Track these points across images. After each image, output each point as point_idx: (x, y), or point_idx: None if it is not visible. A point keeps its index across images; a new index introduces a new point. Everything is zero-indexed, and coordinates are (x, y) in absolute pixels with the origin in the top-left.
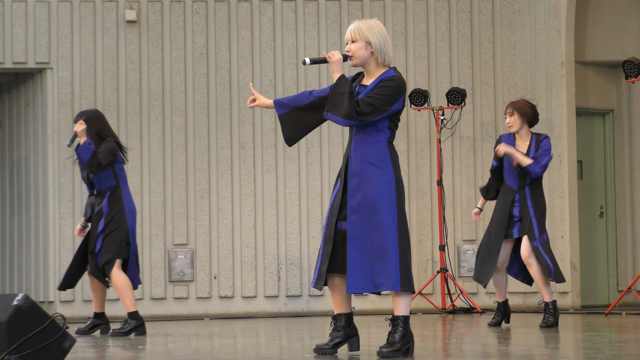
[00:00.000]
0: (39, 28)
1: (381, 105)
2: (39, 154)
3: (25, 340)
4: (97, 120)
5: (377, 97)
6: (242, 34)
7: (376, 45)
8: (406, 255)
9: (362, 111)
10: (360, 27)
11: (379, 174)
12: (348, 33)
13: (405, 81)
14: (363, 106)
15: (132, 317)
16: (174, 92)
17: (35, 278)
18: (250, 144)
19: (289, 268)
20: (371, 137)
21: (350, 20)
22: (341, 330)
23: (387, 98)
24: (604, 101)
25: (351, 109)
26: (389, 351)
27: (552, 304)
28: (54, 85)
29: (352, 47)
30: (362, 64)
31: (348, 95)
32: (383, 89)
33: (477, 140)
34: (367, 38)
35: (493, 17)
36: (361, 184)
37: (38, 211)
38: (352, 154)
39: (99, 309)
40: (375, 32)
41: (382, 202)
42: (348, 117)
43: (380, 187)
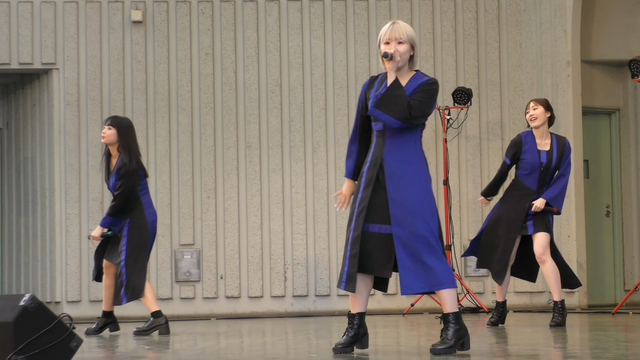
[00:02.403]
0: (45, 28)
1: (427, 108)
2: (45, 154)
3: (32, 340)
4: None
5: (425, 100)
6: (248, 34)
7: (417, 48)
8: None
9: (414, 114)
10: (406, 28)
11: (418, 176)
12: (394, 32)
13: None
14: (415, 109)
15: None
16: (180, 92)
17: (42, 278)
18: (256, 144)
19: (295, 268)
20: (407, 140)
21: (355, 20)
22: (356, 328)
23: (431, 101)
24: (610, 100)
25: (406, 112)
26: (443, 348)
27: (560, 303)
28: (60, 85)
29: (401, 48)
30: (402, 66)
31: (404, 98)
32: (427, 93)
33: (483, 139)
34: (413, 41)
35: (499, 17)
36: (402, 186)
37: (44, 211)
38: (386, 156)
39: (108, 308)
40: (415, 36)
41: (424, 203)
42: (403, 119)
43: (421, 189)
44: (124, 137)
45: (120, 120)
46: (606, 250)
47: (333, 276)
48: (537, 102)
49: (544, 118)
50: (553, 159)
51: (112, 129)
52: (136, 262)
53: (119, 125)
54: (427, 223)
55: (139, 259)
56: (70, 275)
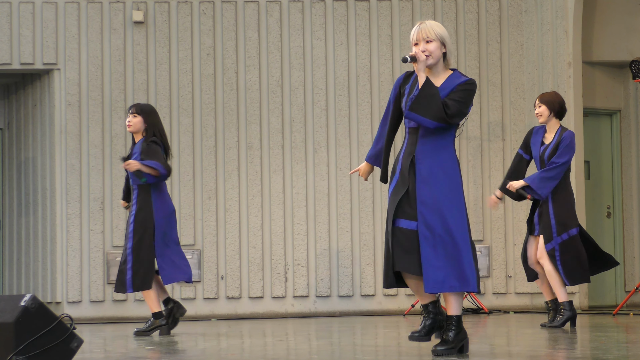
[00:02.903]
0: (46, 29)
1: (464, 108)
2: (47, 154)
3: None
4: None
5: (462, 100)
6: (249, 34)
7: (448, 45)
8: (476, 257)
9: (451, 113)
10: (434, 26)
11: (449, 175)
12: (421, 32)
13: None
14: (452, 108)
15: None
16: (181, 93)
17: (43, 279)
18: (257, 145)
19: (296, 269)
20: (441, 140)
21: (357, 20)
22: (432, 316)
23: (468, 101)
24: (611, 101)
25: (442, 112)
26: (443, 349)
27: (567, 305)
28: (61, 86)
29: (429, 47)
30: (433, 64)
31: (438, 97)
32: (465, 92)
33: (484, 140)
34: (442, 39)
35: (500, 18)
36: (433, 187)
37: (45, 212)
38: (419, 155)
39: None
40: (446, 33)
41: (454, 206)
42: (438, 119)
43: (452, 191)
44: (150, 122)
45: (144, 107)
46: (607, 251)
47: (334, 277)
48: (540, 100)
49: (547, 115)
50: (547, 151)
51: (137, 116)
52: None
53: (144, 111)
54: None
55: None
56: (70, 276)
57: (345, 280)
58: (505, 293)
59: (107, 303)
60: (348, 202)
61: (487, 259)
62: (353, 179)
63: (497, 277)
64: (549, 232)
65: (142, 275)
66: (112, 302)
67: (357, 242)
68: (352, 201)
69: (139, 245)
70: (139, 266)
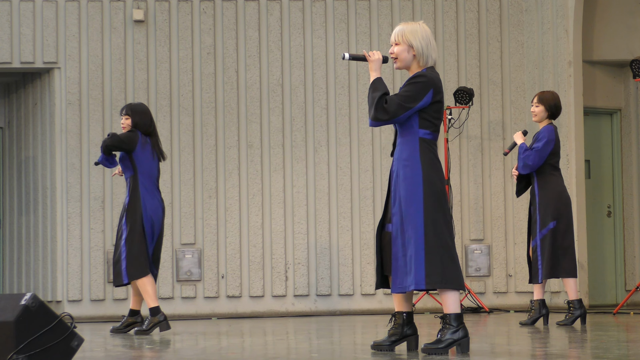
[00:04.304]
0: (46, 28)
1: (405, 102)
2: (47, 153)
3: (33, 339)
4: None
5: (404, 94)
6: (250, 33)
7: (418, 48)
8: (437, 253)
9: (388, 109)
10: (404, 30)
11: (408, 174)
12: (392, 36)
13: (439, 79)
14: (389, 102)
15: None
16: (182, 92)
17: (43, 277)
18: (257, 144)
19: (297, 267)
20: (405, 137)
21: (357, 19)
22: (399, 328)
23: (411, 95)
24: (611, 100)
25: (377, 111)
26: (432, 347)
27: (577, 303)
28: (61, 85)
29: (395, 49)
30: (404, 66)
31: (378, 98)
32: (409, 86)
33: (484, 139)
34: (410, 41)
35: (501, 16)
36: (397, 185)
37: (46, 211)
38: (395, 156)
39: (135, 306)
40: (419, 35)
41: (411, 202)
42: (374, 119)
43: (409, 187)
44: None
45: (134, 107)
46: (607, 251)
47: (334, 276)
48: (539, 99)
49: (543, 116)
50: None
51: (129, 118)
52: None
53: (133, 110)
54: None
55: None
56: (71, 275)
57: (345, 279)
58: (506, 292)
59: (108, 302)
60: (348, 201)
61: (487, 258)
62: (353, 177)
63: (498, 276)
64: (534, 229)
65: (136, 265)
66: (112, 301)
67: (357, 240)
68: (353, 200)
69: (131, 237)
70: (133, 256)
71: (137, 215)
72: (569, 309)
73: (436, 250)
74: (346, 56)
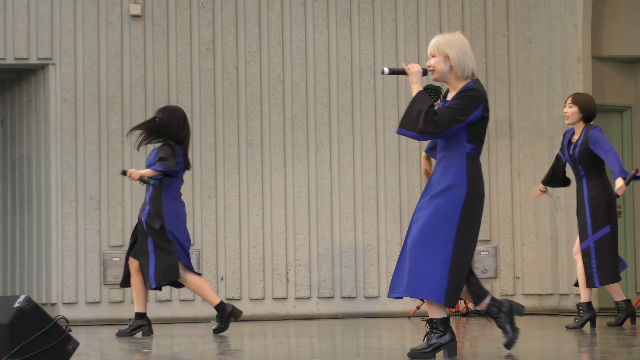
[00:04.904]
0: (41, 23)
1: (457, 115)
2: (42, 152)
3: (27, 343)
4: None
5: (455, 107)
6: (250, 28)
7: (454, 59)
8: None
9: (439, 122)
10: (439, 41)
11: (452, 189)
12: (429, 48)
13: (484, 92)
14: (440, 117)
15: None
16: (180, 89)
17: (37, 279)
18: (258, 142)
19: (298, 269)
20: (451, 152)
21: (360, 14)
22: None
23: (463, 109)
24: (621, 97)
25: (426, 123)
26: (417, 352)
27: (586, 306)
28: (56, 81)
29: (432, 61)
30: (442, 78)
31: (425, 110)
32: (460, 99)
33: (491, 137)
34: (445, 52)
35: (507, 11)
36: (434, 195)
37: (40, 210)
38: (436, 166)
39: (141, 309)
40: (454, 45)
41: (449, 218)
42: (422, 132)
43: (448, 201)
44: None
45: (164, 108)
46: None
47: (336, 278)
48: (574, 100)
49: (576, 118)
50: (576, 150)
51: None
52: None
53: (164, 110)
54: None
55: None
56: (66, 276)
57: (348, 281)
58: (513, 294)
59: (104, 304)
60: (351, 201)
61: (494, 260)
62: (356, 177)
63: (505, 278)
64: (584, 231)
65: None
66: (108, 304)
67: (360, 242)
68: (356, 200)
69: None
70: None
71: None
72: (578, 311)
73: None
74: (385, 71)
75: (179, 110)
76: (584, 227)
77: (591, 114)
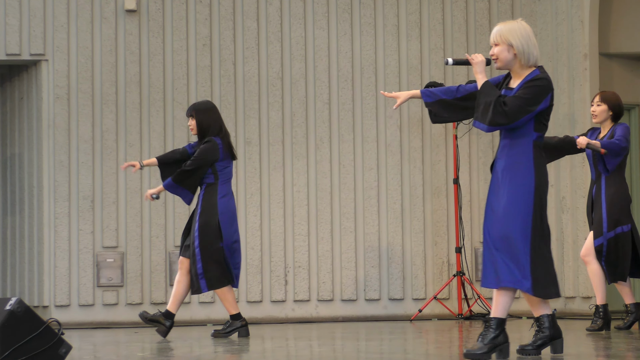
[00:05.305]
0: (33, 18)
1: (527, 105)
2: (34, 150)
3: (19, 346)
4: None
5: (523, 97)
6: (248, 24)
7: (518, 47)
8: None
9: (508, 112)
10: (502, 29)
11: (520, 176)
12: (491, 36)
13: (551, 80)
14: (509, 105)
15: (234, 319)
16: (176, 86)
17: (29, 281)
18: (256, 140)
19: (297, 271)
20: (516, 139)
21: (361, 9)
22: (545, 331)
23: (532, 98)
24: (629, 95)
25: (495, 115)
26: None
27: (602, 308)
28: (49, 78)
29: (495, 50)
30: (506, 66)
31: (494, 102)
32: (529, 89)
33: (495, 136)
34: (509, 40)
35: (512, 7)
36: (502, 185)
37: (32, 210)
38: (498, 154)
39: (234, 310)
40: (517, 33)
41: (517, 205)
42: (492, 123)
43: (518, 189)
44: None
45: (197, 105)
46: None
47: (336, 280)
48: (602, 98)
49: (605, 117)
50: None
51: (193, 118)
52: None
53: (197, 110)
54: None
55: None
56: (59, 278)
57: (348, 283)
58: (518, 297)
59: (97, 307)
60: (352, 201)
61: None
62: (357, 176)
63: None
64: (599, 227)
65: (213, 274)
66: (102, 306)
67: (361, 243)
68: (356, 200)
69: (205, 245)
70: (209, 266)
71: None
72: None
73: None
74: (449, 61)
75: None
76: (599, 223)
77: (620, 112)
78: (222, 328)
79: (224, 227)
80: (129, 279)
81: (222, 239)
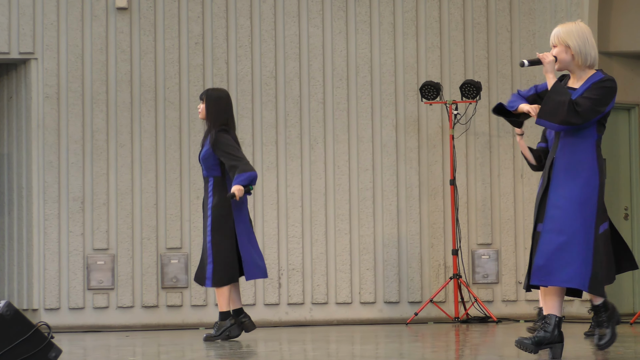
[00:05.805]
0: (22, 15)
1: (596, 105)
2: (23, 150)
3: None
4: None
5: (594, 97)
6: (241, 21)
7: (575, 48)
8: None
9: (581, 110)
10: (559, 31)
11: (584, 176)
12: (550, 38)
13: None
14: (582, 105)
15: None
16: (168, 85)
17: (18, 284)
18: (249, 141)
19: (291, 274)
20: (578, 139)
21: (356, 7)
22: (548, 330)
23: (602, 99)
24: (629, 95)
25: (569, 114)
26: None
27: None
28: (38, 77)
29: (554, 52)
30: (565, 67)
31: (568, 102)
32: (598, 90)
33: (492, 136)
34: (566, 42)
35: (511, 4)
36: (563, 183)
37: (21, 212)
38: (558, 154)
39: (236, 305)
40: (574, 35)
41: (586, 206)
42: (564, 122)
43: (584, 188)
44: (208, 107)
45: (210, 92)
46: None
47: (331, 283)
48: None
49: None
50: None
51: (203, 102)
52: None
53: (208, 96)
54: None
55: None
56: (48, 281)
57: (343, 286)
58: (515, 300)
59: (88, 310)
60: (347, 203)
61: (495, 264)
62: (352, 177)
63: (507, 283)
64: None
65: (221, 271)
66: (92, 310)
67: (356, 245)
68: (351, 201)
69: (218, 239)
70: (220, 261)
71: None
72: None
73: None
74: (525, 63)
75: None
76: None
77: None
78: (214, 332)
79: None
80: (119, 282)
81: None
